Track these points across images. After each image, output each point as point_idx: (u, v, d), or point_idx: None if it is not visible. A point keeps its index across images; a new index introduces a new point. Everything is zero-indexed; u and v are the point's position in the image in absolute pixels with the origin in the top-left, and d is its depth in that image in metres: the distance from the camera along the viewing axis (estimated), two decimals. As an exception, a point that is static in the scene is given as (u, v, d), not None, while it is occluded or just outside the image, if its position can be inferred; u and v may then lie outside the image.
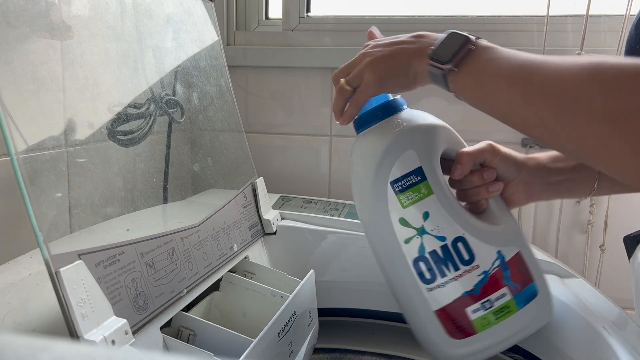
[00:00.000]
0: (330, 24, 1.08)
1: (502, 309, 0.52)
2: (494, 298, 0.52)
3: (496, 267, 0.52)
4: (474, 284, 0.51)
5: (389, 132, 0.52)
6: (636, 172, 0.34)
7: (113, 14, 0.57)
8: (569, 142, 0.38)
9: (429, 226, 0.51)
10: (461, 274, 0.51)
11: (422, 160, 0.51)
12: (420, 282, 0.52)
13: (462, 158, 0.53)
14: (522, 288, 0.52)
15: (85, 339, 0.35)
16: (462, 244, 0.51)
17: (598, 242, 0.96)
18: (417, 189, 0.51)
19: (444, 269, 0.51)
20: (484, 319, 0.52)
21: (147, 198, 0.61)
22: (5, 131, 0.34)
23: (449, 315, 0.52)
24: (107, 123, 0.55)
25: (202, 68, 0.75)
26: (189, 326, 0.49)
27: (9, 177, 0.57)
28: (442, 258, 0.51)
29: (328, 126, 1.06)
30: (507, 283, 0.52)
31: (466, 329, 0.52)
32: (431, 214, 0.51)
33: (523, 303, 0.52)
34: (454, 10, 1.05)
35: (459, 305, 0.52)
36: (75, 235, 0.48)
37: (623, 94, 0.34)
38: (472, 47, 0.43)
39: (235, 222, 0.67)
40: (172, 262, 0.50)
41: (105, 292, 0.40)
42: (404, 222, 0.51)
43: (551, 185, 0.56)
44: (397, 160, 0.51)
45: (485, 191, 0.54)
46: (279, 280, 0.64)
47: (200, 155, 0.74)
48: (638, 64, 0.34)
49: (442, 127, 0.54)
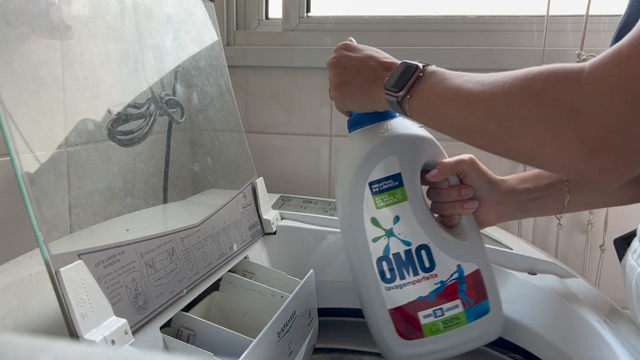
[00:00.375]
0: (330, 24, 1.08)
1: (451, 319, 0.55)
2: (446, 307, 0.55)
3: (453, 279, 0.55)
4: (429, 291, 0.55)
5: (376, 136, 0.55)
6: (571, 163, 0.37)
7: (113, 14, 0.57)
8: (512, 145, 0.41)
9: (397, 230, 0.54)
10: (419, 279, 0.55)
11: (403, 167, 0.54)
12: (380, 280, 0.55)
13: (440, 164, 0.56)
14: (474, 303, 0.56)
15: (85, 338, 0.35)
16: (426, 251, 0.54)
17: (598, 242, 0.96)
18: (392, 193, 0.54)
19: (404, 272, 0.55)
20: (433, 325, 0.56)
21: (147, 198, 0.61)
22: (5, 131, 0.34)
23: (402, 316, 0.56)
24: (107, 123, 0.55)
25: (202, 68, 0.75)
26: (188, 326, 0.49)
27: (9, 177, 0.57)
28: (404, 261, 0.55)
29: (328, 126, 1.06)
30: (461, 296, 0.55)
31: (415, 332, 0.56)
32: (401, 219, 0.54)
33: (473, 317, 0.56)
34: (454, 10, 1.05)
35: (412, 308, 0.55)
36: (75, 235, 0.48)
37: (550, 96, 0.37)
38: (420, 75, 0.48)
39: (235, 222, 0.67)
40: (172, 262, 0.50)
41: (105, 292, 0.40)
42: (375, 221, 0.54)
43: (521, 205, 0.58)
44: (378, 162, 0.54)
45: (460, 207, 0.57)
46: (279, 280, 0.64)
47: (200, 155, 0.74)
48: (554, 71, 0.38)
49: (427, 139, 0.56)
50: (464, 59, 0.98)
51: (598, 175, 0.36)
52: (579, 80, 0.36)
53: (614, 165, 0.35)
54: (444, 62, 0.99)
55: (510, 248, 0.69)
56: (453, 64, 0.98)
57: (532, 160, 0.41)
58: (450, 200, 0.57)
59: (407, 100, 0.48)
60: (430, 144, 0.56)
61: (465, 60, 0.98)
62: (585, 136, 0.35)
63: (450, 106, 0.45)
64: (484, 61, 0.97)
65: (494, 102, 0.41)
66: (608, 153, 0.35)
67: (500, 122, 0.41)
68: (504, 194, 0.58)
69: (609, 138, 0.34)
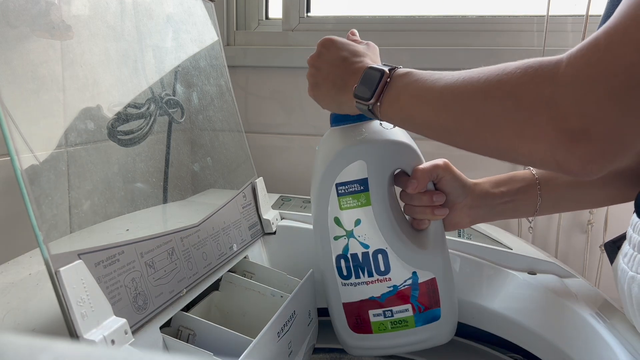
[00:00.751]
0: (330, 24, 1.08)
1: (400, 321, 0.58)
2: (396, 310, 0.58)
3: (407, 285, 0.57)
4: (381, 293, 0.57)
5: (349, 138, 0.55)
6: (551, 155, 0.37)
7: (113, 14, 0.57)
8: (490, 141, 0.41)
9: (357, 232, 0.56)
10: (373, 281, 0.57)
11: (370, 173, 0.55)
12: (337, 275, 0.58)
13: (416, 174, 0.56)
14: (425, 309, 0.58)
15: (85, 338, 0.35)
16: (382, 256, 0.56)
17: (598, 242, 0.96)
18: (357, 197, 0.55)
19: (359, 272, 0.57)
20: (381, 324, 0.59)
21: (147, 198, 0.61)
22: (5, 131, 0.34)
23: (353, 311, 0.59)
24: (107, 123, 0.55)
25: (202, 68, 0.75)
26: (188, 326, 0.49)
27: (9, 177, 0.57)
28: (360, 262, 0.57)
29: (328, 126, 1.06)
30: (412, 301, 0.58)
31: (364, 327, 0.59)
32: (363, 222, 0.56)
33: (422, 322, 0.58)
34: (454, 10, 1.05)
35: (364, 305, 0.58)
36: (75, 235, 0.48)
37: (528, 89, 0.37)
38: (387, 80, 0.48)
39: (234, 222, 0.67)
40: (171, 261, 0.50)
41: (105, 291, 0.40)
42: (337, 221, 0.56)
43: (494, 208, 0.59)
44: (347, 165, 0.55)
45: (430, 213, 0.57)
46: (279, 280, 0.64)
47: (200, 155, 0.74)
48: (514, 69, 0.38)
49: (403, 145, 0.56)
50: (464, 59, 0.98)
51: (579, 167, 0.36)
52: (557, 72, 0.35)
53: (594, 156, 0.35)
54: (444, 62, 1.00)
55: (510, 248, 0.69)
56: (453, 64, 0.98)
57: (512, 155, 0.40)
58: (421, 204, 0.57)
59: (377, 106, 0.48)
60: (405, 149, 0.56)
61: (465, 60, 0.98)
62: (564, 127, 0.35)
63: (423, 106, 0.45)
64: (484, 61, 0.96)
65: (470, 98, 0.41)
66: (588, 143, 0.35)
67: (477, 117, 0.40)
68: (477, 198, 0.58)
69: (589, 129, 0.34)
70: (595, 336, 0.52)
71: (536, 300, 0.61)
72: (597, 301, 0.58)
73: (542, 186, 0.58)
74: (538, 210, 0.59)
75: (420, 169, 0.56)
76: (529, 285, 0.63)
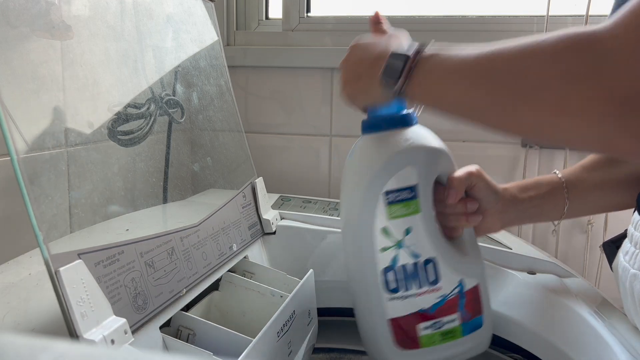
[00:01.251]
0: (330, 24, 1.08)
1: (448, 332, 0.56)
2: (445, 320, 0.55)
3: (455, 294, 0.55)
4: (431, 304, 0.55)
5: (395, 144, 0.53)
6: (599, 128, 0.33)
7: (113, 14, 0.58)
8: (527, 116, 0.37)
9: (408, 241, 0.53)
10: (423, 292, 0.54)
11: (420, 179, 0.53)
12: (383, 290, 0.55)
13: (453, 182, 0.55)
14: (471, 317, 0.56)
15: (85, 338, 0.35)
16: (432, 265, 0.54)
17: (598, 242, 0.96)
18: (407, 205, 0.53)
19: (409, 284, 0.54)
20: (430, 337, 0.55)
21: (147, 198, 0.61)
22: (5, 131, 0.34)
23: (401, 326, 0.55)
24: (108, 123, 0.55)
25: (202, 68, 0.75)
26: (188, 326, 0.49)
27: (9, 177, 0.57)
28: (410, 274, 0.54)
29: (328, 126, 1.06)
30: (459, 310, 0.56)
31: (412, 342, 0.56)
32: (413, 231, 0.53)
33: (468, 331, 0.56)
34: (454, 10, 1.05)
35: (412, 319, 0.55)
36: (75, 235, 0.48)
37: (570, 54, 0.33)
38: (412, 65, 0.45)
39: (234, 222, 0.67)
40: (171, 261, 0.50)
41: (105, 291, 0.40)
42: (386, 232, 0.53)
43: (524, 212, 0.59)
44: (397, 172, 0.53)
45: (464, 220, 0.56)
46: (279, 279, 0.64)
47: (200, 155, 0.74)
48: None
49: (443, 152, 0.56)
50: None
51: (630, 143, 0.32)
52: (602, 37, 0.32)
53: None
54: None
55: (510, 248, 0.69)
56: (453, 64, 0.98)
57: (550, 132, 0.36)
58: (455, 212, 0.56)
59: (403, 91, 0.46)
60: (445, 156, 0.56)
61: (465, 60, 0.98)
62: (614, 95, 0.31)
63: (453, 85, 0.42)
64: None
65: (505, 70, 0.37)
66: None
67: (513, 90, 0.37)
68: (507, 203, 0.58)
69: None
70: (595, 336, 0.52)
71: (536, 300, 0.61)
72: (597, 301, 0.58)
73: (569, 190, 0.58)
74: (565, 214, 0.59)
75: (457, 178, 0.55)
76: (529, 285, 0.63)
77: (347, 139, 1.06)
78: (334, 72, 1.04)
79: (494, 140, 0.98)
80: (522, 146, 0.98)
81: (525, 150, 0.98)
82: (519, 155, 0.98)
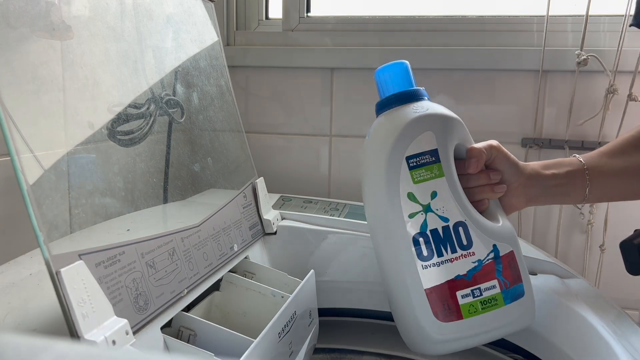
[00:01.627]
0: (330, 24, 1.08)
1: (489, 300, 0.54)
2: (483, 287, 0.53)
3: (490, 259, 0.54)
4: (467, 270, 0.53)
5: (411, 113, 0.55)
6: None
7: (113, 15, 0.57)
8: None
9: (434, 205, 0.53)
10: (457, 257, 0.53)
11: (439, 143, 0.54)
12: (416, 257, 0.53)
13: (473, 152, 0.56)
14: (510, 285, 0.55)
15: (86, 339, 0.35)
16: (463, 229, 0.53)
17: (598, 242, 0.96)
18: (429, 169, 0.53)
19: (442, 249, 0.53)
20: (471, 306, 0.53)
21: (148, 198, 0.61)
22: (5, 131, 0.34)
23: (440, 296, 0.53)
24: (107, 123, 0.55)
25: (202, 68, 0.74)
26: (189, 326, 0.49)
27: (9, 177, 0.57)
28: (441, 238, 0.53)
29: (328, 126, 1.06)
30: (498, 276, 0.54)
31: (454, 312, 0.53)
32: (439, 194, 0.53)
33: (510, 300, 0.54)
34: (454, 10, 1.05)
35: (450, 287, 0.53)
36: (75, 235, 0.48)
37: None
38: None
39: (235, 222, 0.67)
40: (172, 262, 0.50)
41: (106, 292, 0.40)
42: (412, 196, 0.53)
43: (548, 189, 0.59)
44: (416, 137, 0.53)
45: (490, 191, 0.56)
46: (280, 280, 0.64)
47: (201, 155, 0.74)
48: None
49: (458, 121, 0.57)
50: (464, 59, 0.98)
51: None
52: None
53: None
54: (443, 62, 1.00)
55: (511, 248, 0.69)
56: (453, 64, 0.98)
57: None
58: (479, 184, 0.56)
59: None
60: (461, 126, 0.57)
61: (465, 60, 0.98)
62: None
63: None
64: (484, 61, 0.97)
65: None
66: None
67: None
68: (530, 177, 0.58)
69: None
70: (595, 336, 0.52)
71: (536, 300, 0.61)
72: (598, 302, 0.58)
73: (590, 173, 0.58)
74: (587, 197, 0.59)
75: (477, 148, 0.56)
76: (530, 285, 0.63)
77: (347, 139, 1.06)
78: (334, 72, 1.04)
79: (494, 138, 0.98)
80: (522, 146, 0.98)
81: (525, 150, 0.98)
82: (519, 154, 0.98)
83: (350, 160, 1.06)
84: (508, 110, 0.98)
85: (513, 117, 0.98)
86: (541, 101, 0.96)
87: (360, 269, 0.72)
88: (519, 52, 0.95)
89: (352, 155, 1.06)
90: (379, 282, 0.60)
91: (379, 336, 0.76)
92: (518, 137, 0.98)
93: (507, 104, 0.98)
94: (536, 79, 0.95)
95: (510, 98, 0.98)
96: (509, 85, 0.98)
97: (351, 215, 0.79)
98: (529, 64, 0.94)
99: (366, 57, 1.00)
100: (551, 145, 0.96)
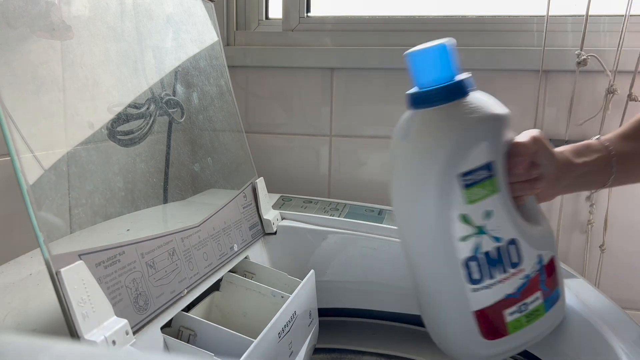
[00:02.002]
0: (330, 24, 1.08)
1: (533, 312, 0.52)
2: (529, 301, 0.51)
3: (536, 272, 0.51)
4: (516, 287, 0.50)
5: (464, 117, 0.47)
6: None
7: (113, 15, 0.57)
8: None
9: (489, 226, 0.48)
10: (508, 276, 0.50)
11: (494, 153, 0.48)
12: (466, 281, 0.49)
13: (520, 150, 0.51)
14: (550, 292, 0.52)
15: (86, 339, 0.35)
16: (514, 246, 0.49)
17: (598, 242, 0.96)
18: (484, 185, 0.47)
19: (493, 271, 0.49)
20: (517, 321, 0.51)
21: (148, 198, 0.61)
22: (5, 131, 0.34)
23: (487, 317, 0.51)
24: (107, 123, 0.55)
25: (202, 68, 0.74)
26: (189, 326, 0.49)
27: (9, 177, 0.57)
28: (494, 260, 0.49)
29: (328, 126, 1.06)
30: (541, 287, 0.51)
31: (499, 330, 0.51)
32: (494, 214, 0.48)
33: (549, 306, 0.52)
34: (454, 10, 1.05)
35: (499, 307, 0.50)
36: (75, 236, 0.48)
37: None
38: None
39: (235, 222, 0.67)
40: (172, 262, 0.50)
41: (106, 292, 0.40)
42: (465, 218, 0.48)
43: (575, 180, 0.56)
44: (471, 149, 0.47)
45: (529, 187, 0.52)
46: (280, 280, 0.64)
47: (201, 155, 0.74)
48: None
49: (508, 117, 0.50)
50: (464, 59, 0.97)
51: None
52: None
53: None
54: (444, 62, 0.99)
55: (511, 248, 0.69)
56: (453, 63, 0.98)
57: None
58: (519, 180, 0.51)
59: None
60: (510, 122, 0.50)
61: (465, 60, 0.97)
62: None
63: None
64: (484, 61, 0.97)
65: None
66: None
67: None
68: (561, 169, 0.54)
69: None
70: (595, 336, 0.52)
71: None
72: (598, 302, 0.58)
73: (618, 157, 0.56)
74: (610, 182, 0.56)
75: (523, 144, 0.51)
76: (530, 285, 0.63)
77: (347, 139, 1.06)
78: (333, 72, 1.04)
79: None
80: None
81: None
82: (519, 155, 0.98)
83: (350, 161, 1.06)
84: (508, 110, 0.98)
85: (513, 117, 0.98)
86: (541, 101, 0.96)
87: (360, 269, 0.72)
88: (519, 52, 0.95)
89: (352, 155, 1.06)
90: (379, 282, 0.60)
91: (379, 336, 0.76)
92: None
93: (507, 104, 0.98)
94: (536, 79, 0.95)
95: (510, 98, 0.98)
96: (509, 85, 0.98)
97: (351, 215, 0.79)
98: (529, 64, 0.94)
99: (366, 57, 1.00)
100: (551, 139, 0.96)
